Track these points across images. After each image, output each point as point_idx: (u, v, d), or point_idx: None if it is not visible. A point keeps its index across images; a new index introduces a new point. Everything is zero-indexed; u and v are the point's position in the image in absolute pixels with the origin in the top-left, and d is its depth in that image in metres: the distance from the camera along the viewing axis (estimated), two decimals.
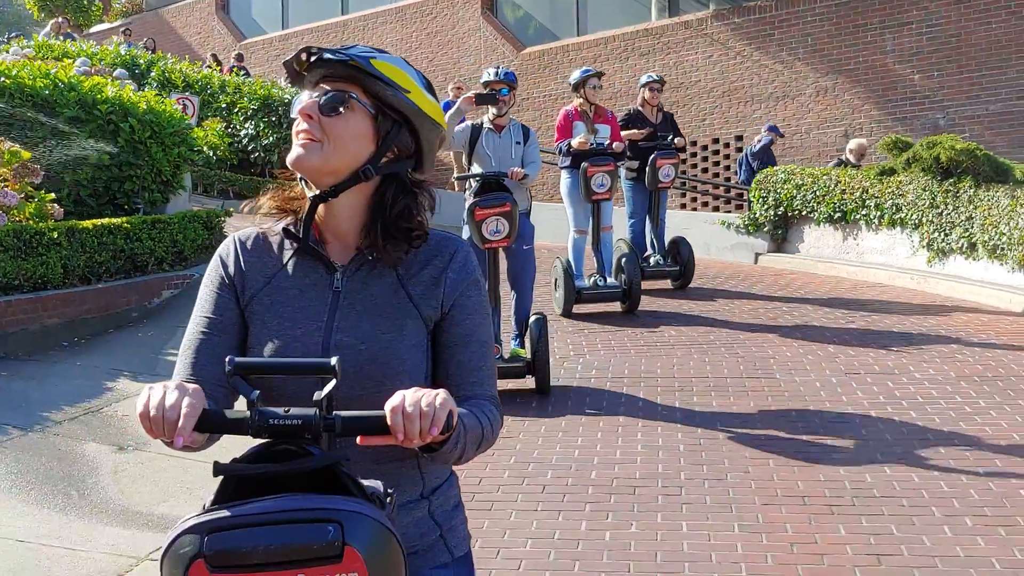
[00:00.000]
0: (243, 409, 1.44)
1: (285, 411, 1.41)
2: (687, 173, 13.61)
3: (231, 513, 1.32)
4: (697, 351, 7.04)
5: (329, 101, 1.62)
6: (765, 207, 11.14)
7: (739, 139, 13.88)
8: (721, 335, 7.48)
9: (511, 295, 6.54)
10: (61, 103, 8.67)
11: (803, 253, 10.96)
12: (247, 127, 15.44)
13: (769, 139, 12.22)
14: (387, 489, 1.46)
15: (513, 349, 6.34)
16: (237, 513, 1.32)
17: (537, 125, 14.41)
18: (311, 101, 1.63)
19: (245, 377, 1.45)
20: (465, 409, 1.57)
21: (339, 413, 1.43)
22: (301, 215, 1.68)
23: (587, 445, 5.23)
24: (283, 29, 21.00)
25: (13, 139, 7.80)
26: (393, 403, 1.41)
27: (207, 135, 12.66)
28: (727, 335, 7.48)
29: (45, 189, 7.64)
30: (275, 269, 1.69)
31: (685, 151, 10.33)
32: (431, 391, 1.43)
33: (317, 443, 1.41)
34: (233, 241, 1.73)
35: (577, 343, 7.37)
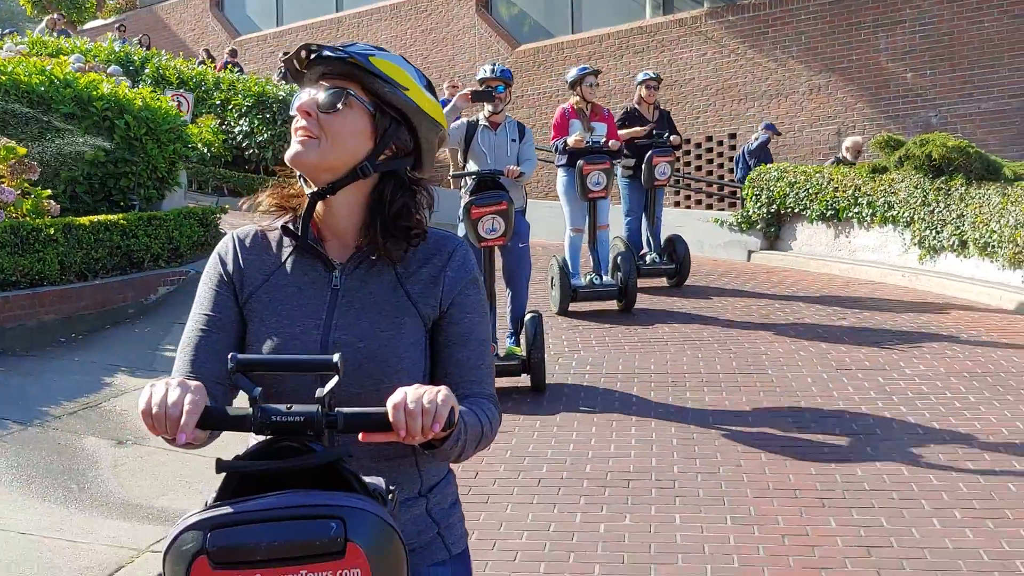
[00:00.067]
0: (245, 406, 1.43)
1: (288, 408, 1.40)
2: (680, 171, 13.65)
3: (234, 510, 1.31)
4: (690, 347, 7.09)
5: (327, 98, 1.62)
6: (758, 205, 11.18)
7: (732, 137, 13.93)
8: (714, 332, 7.54)
9: (506, 293, 6.52)
10: (57, 100, 8.67)
11: (796, 250, 11.00)
12: (241, 124, 15.44)
13: (766, 137, 12.27)
14: (388, 486, 1.46)
15: (508, 347, 6.32)
16: (240, 510, 1.31)
17: (532, 123, 14.44)
18: (309, 98, 1.63)
19: (247, 374, 1.45)
20: (465, 407, 1.57)
21: (341, 410, 1.42)
22: (300, 213, 1.68)
23: (582, 440, 5.29)
24: (277, 26, 21.00)
25: (9, 136, 7.80)
26: (395, 400, 1.41)
27: (201, 132, 12.66)
28: (720, 332, 7.53)
29: (41, 186, 7.66)
30: (274, 267, 1.69)
31: (681, 149, 10.36)
32: (433, 388, 1.42)
33: (319, 440, 1.40)
34: (232, 239, 1.73)
35: (572, 339, 7.41)
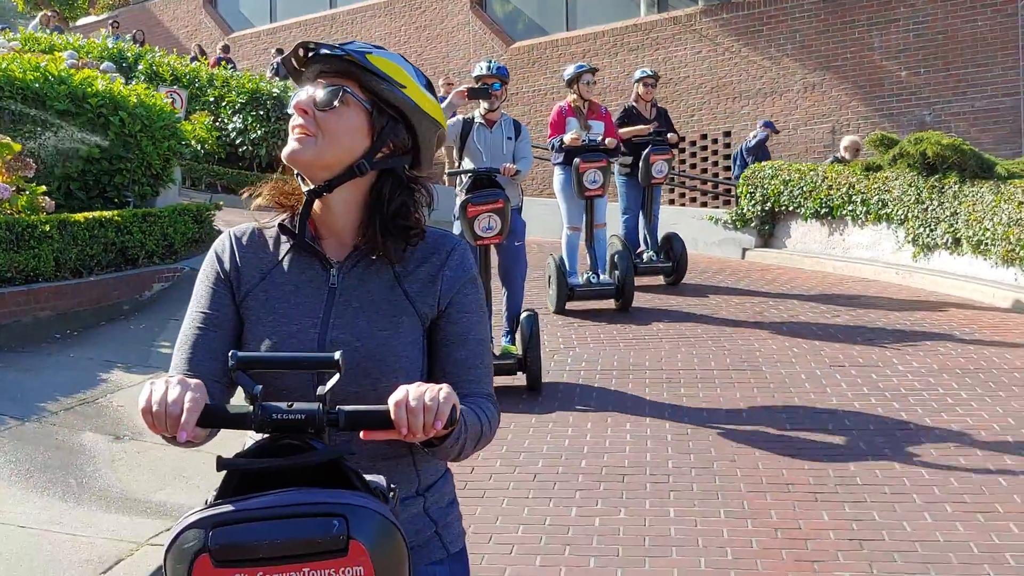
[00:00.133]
0: (245, 404, 1.43)
1: (288, 406, 1.40)
2: (675, 169, 13.69)
3: (235, 508, 1.31)
4: (685, 344, 7.12)
5: (324, 96, 1.62)
6: (752, 203, 11.22)
7: (727, 135, 13.97)
8: (708, 329, 7.57)
9: (502, 291, 6.51)
10: (51, 96, 8.65)
11: (790, 248, 11.05)
12: (235, 121, 15.43)
13: (764, 135, 12.29)
14: (389, 484, 1.46)
15: (504, 346, 6.29)
16: (241, 508, 1.31)
17: (527, 120, 14.46)
18: (307, 96, 1.63)
19: (246, 372, 1.44)
20: (465, 406, 1.56)
21: (342, 408, 1.42)
22: (297, 211, 1.68)
23: (577, 435, 5.32)
24: (271, 23, 20.99)
25: (3, 132, 7.79)
26: (396, 397, 1.40)
27: (195, 129, 12.65)
28: (714, 329, 7.57)
29: (36, 182, 7.65)
30: (271, 265, 1.68)
31: (678, 146, 10.38)
32: (434, 386, 1.42)
33: (320, 438, 1.40)
34: (229, 236, 1.72)
35: (567, 337, 7.44)
